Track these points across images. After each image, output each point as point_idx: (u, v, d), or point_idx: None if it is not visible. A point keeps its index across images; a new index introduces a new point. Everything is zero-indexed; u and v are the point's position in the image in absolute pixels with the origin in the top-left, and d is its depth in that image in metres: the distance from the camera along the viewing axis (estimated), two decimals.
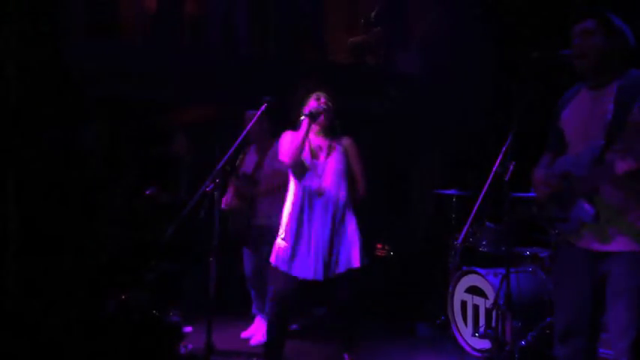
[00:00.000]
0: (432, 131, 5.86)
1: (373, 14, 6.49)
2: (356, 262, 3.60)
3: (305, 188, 3.62)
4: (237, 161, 4.72)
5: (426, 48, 5.85)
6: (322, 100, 3.70)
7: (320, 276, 3.54)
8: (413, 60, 6.16)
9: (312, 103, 3.68)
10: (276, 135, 4.57)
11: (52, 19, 4.45)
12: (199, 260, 4.38)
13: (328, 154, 3.70)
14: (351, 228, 3.65)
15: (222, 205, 4.50)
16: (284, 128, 5.07)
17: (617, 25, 2.56)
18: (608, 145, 2.42)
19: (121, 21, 5.73)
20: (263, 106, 3.62)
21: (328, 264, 3.57)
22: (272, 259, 3.66)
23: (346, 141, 3.77)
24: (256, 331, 4.59)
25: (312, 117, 3.60)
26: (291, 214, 3.63)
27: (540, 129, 3.01)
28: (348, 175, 3.72)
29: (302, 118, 3.60)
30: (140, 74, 5.23)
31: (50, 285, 3.69)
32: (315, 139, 3.74)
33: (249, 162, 4.69)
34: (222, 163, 3.32)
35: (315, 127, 3.69)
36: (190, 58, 5.59)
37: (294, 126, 3.72)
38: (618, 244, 2.47)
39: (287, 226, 3.63)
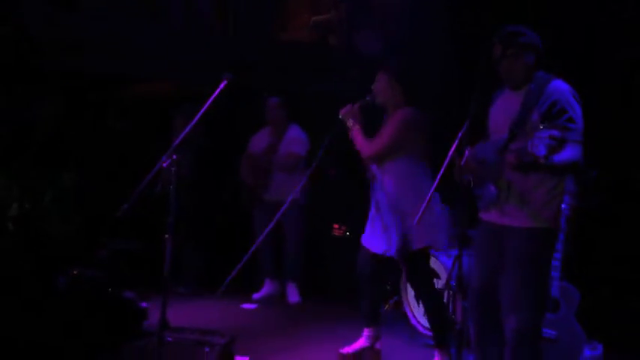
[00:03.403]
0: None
1: None
2: (391, 251, 3.60)
3: (370, 173, 3.77)
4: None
5: (387, 31, 5.86)
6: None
7: (376, 249, 3.67)
8: (375, 41, 6.16)
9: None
10: (291, 120, 5.14)
11: None
12: (155, 236, 4.35)
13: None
14: (393, 215, 3.59)
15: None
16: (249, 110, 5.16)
17: (524, 40, 2.92)
18: (511, 139, 2.78)
19: None
20: (223, 84, 3.58)
21: (380, 244, 3.66)
22: None
23: (397, 113, 3.64)
24: (263, 291, 5.16)
25: (343, 125, 3.68)
26: None
27: None
28: (396, 154, 3.60)
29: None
30: (99, 47, 5.11)
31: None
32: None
33: (259, 143, 5.20)
34: (179, 139, 3.29)
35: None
36: (151, 31, 5.49)
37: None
38: (514, 220, 2.87)
39: None
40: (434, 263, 4.30)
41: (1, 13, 4.07)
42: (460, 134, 2.94)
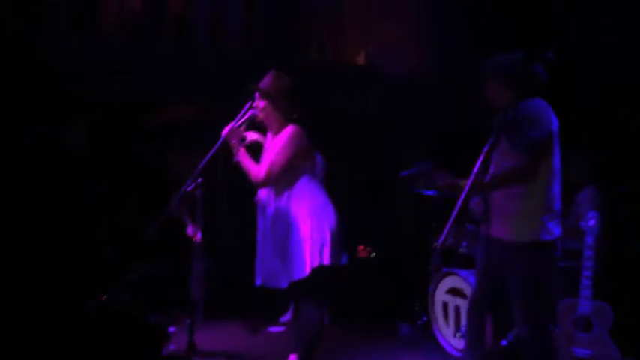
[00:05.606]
0: (415, 132, 5.88)
1: None
2: (296, 274, 3.28)
3: (257, 198, 3.49)
4: None
5: (411, 49, 5.89)
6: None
7: (267, 284, 3.39)
8: (399, 61, 6.18)
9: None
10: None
11: (33, 12, 4.39)
12: (182, 260, 4.37)
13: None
14: (293, 239, 3.31)
15: None
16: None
17: (506, 72, 3.07)
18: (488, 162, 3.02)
19: (104, 17, 5.69)
20: (248, 105, 3.58)
21: (271, 275, 3.36)
22: None
23: (284, 132, 3.38)
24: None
25: (228, 146, 3.38)
26: None
27: None
28: (289, 175, 3.34)
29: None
30: (123, 72, 5.19)
31: (27, 284, 3.65)
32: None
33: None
34: (204, 162, 3.32)
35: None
36: (176, 56, 5.56)
37: None
38: (500, 233, 3.04)
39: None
40: (461, 283, 4.24)
41: (24, 35, 4.16)
42: (485, 148, 2.93)
